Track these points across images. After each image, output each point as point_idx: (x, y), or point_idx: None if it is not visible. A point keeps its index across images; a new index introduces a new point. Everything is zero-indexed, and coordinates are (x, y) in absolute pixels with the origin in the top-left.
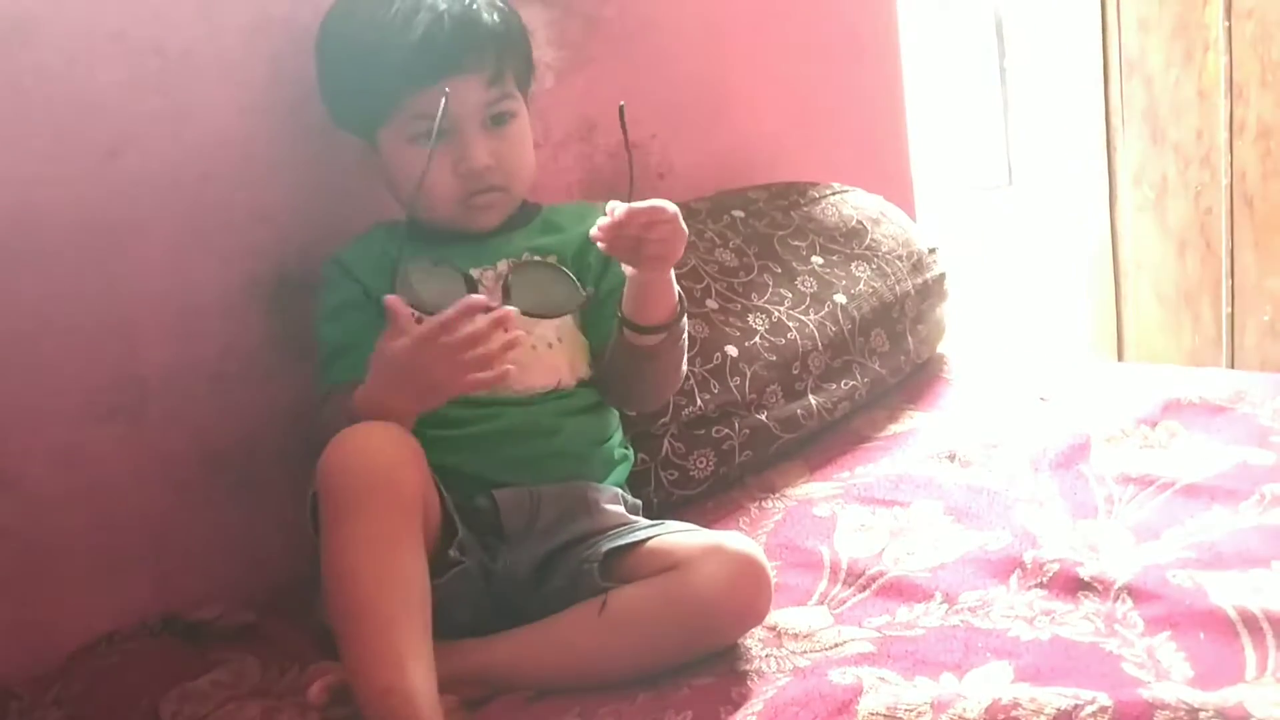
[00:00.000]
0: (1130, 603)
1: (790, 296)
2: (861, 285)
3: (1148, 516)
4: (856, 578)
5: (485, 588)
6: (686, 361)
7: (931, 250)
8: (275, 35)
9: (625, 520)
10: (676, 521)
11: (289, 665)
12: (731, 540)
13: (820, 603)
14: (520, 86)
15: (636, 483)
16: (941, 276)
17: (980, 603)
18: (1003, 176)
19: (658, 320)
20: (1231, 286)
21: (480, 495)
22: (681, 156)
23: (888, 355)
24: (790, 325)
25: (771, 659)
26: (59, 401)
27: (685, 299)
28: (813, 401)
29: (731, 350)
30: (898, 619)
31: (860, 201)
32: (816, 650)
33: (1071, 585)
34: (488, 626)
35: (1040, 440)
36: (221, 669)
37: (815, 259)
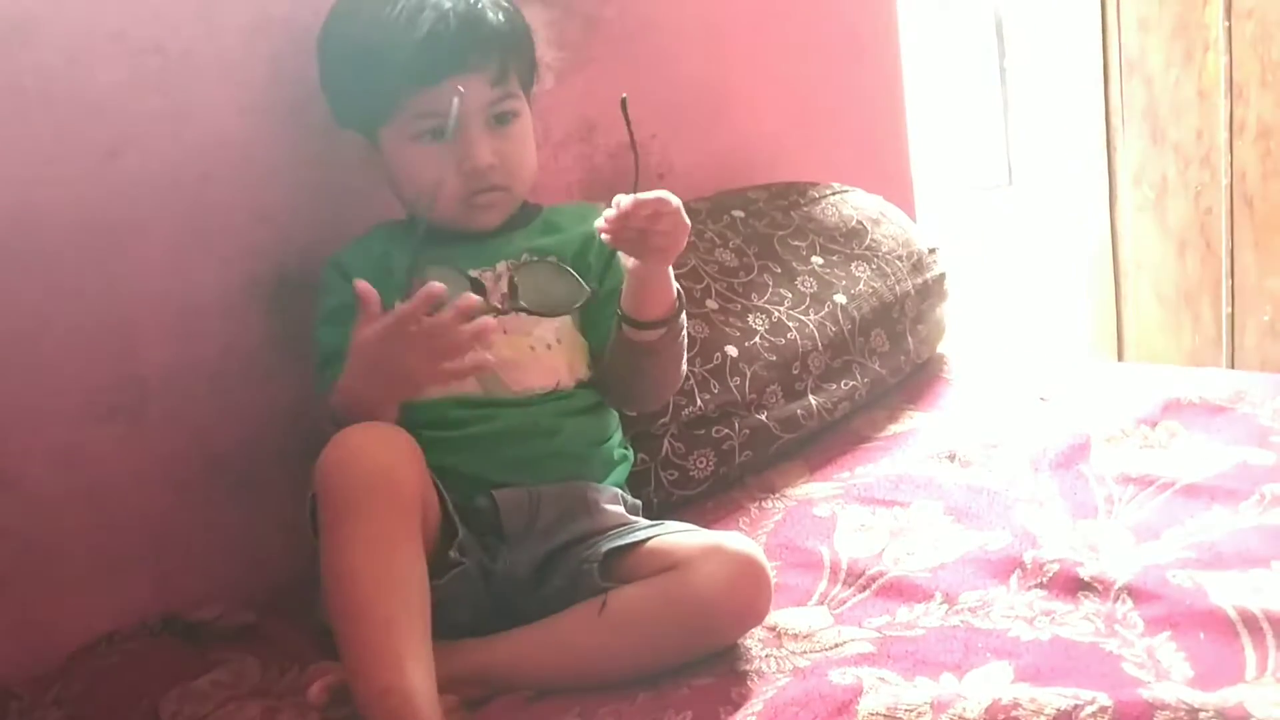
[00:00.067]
0: (1130, 603)
1: (790, 296)
2: (861, 285)
3: (1148, 516)
4: (856, 578)
5: (485, 588)
6: (686, 361)
7: (931, 250)
8: (275, 35)
9: (625, 520)
10: (676, 522)
11: (289, 665)
12: (731, 540)
13: (820, 603)
14: (523, 86)
15: (636, 483)
16: (941, 276)
17: (980, 603)
18: (1003, 176)
19: (657, 316)
20: (1231, 286)
21: (480, 496)
22: (681, 156)
23: (888, 355)
24: (790, 325)
25: (771, 659)
26: (59, 401)
27: (685, 298)
28: (813, 401)
29: (731, 350)
30: (898, 619)
31: (860, 201)
32: (816, 650)
33: (1071, 585)
34: (488, 627)
35: (1040, 440)
36: (221, 669)
37: (815, 259)
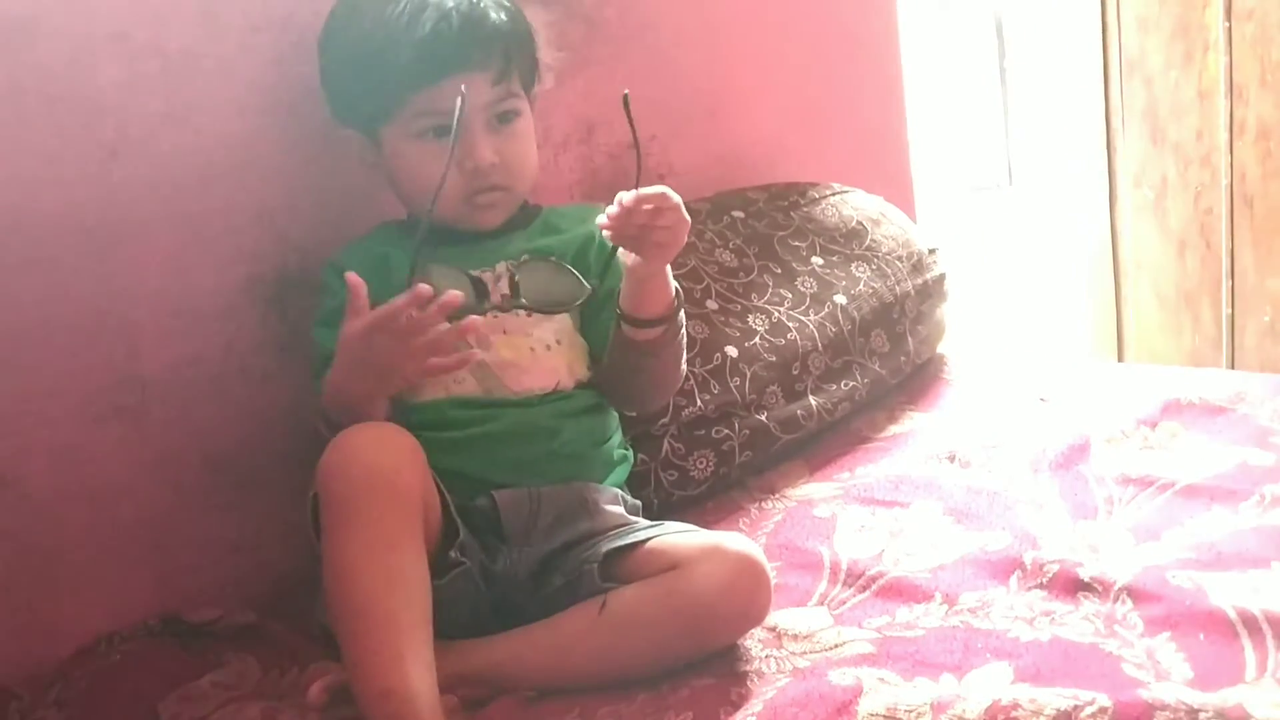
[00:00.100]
0: (1130, 603)
1: (790, 297)
2: (861, 286)
3: (1148, 517)
4: (856, 578)
5: (485, 589)
6: (686, 362)
7: (931, 251)
8: (276, 36)
9: (625, 521)
10: (676, 522)
11: (289, 666)
12: (731, 541)
13: (820, 603)
14: (525, 86)
15: (636, 483)
16: (941, 277)
17: (980, 603)
18: (1003, 177)
19: (656, 314)
20: (1231, 287)
21: (480, 496)
22: (681, 157)
23: (888, 356)
24: (790, 326)
25: (771, 660)
26: (59, 401)
27: (684, 298)
28: (813, 402)
29: (731, 351)
30: (897, 620)
31: (860, 202)
32: (816, 651)
33: (1071, 586)
34: (488, 627)
35: (1040, 441)
36: (222, 670)
37: (815, 259)
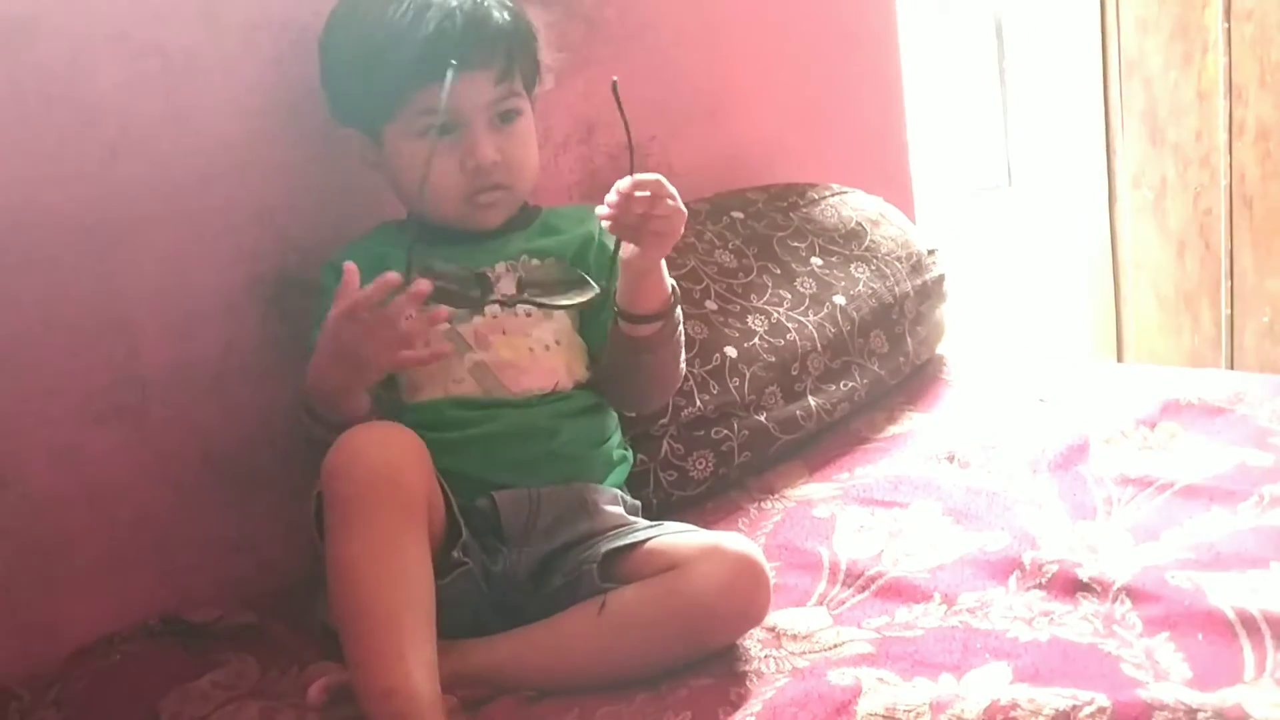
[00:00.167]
0: (1129, 604)
1: (789, 298)
2: (861, 286)
3: (1146, 517)
4: (855, 579)
5: (485, 589)
6: (685, 362)
7: (931, 251)
8: (276, 36)
9: (624, 521)
10: (675, 522)
11: (289, 666)
12: (730, 541)
13: (819, 604)
14: (527, 86)
15: (636, 484)
16: (941, 278)
17: (979, 604)
18: (1002, 178)
19: (653, 310)
20: (1231, 288)
21: (480, 497)
22: (681, 158)
23: (887, 356)
24: (789, 326)
25: (770, 660)
26: (60, 402)
27: (684, 298)
28: (812, 403)
29: (731, 351)
30: (896, 620)
31: (860, 203)
32: (815, 651)
33: (1070, 586)
34: (488, 627)
35: (1039, 441)
36: (221, 670)
37: (814, 260)
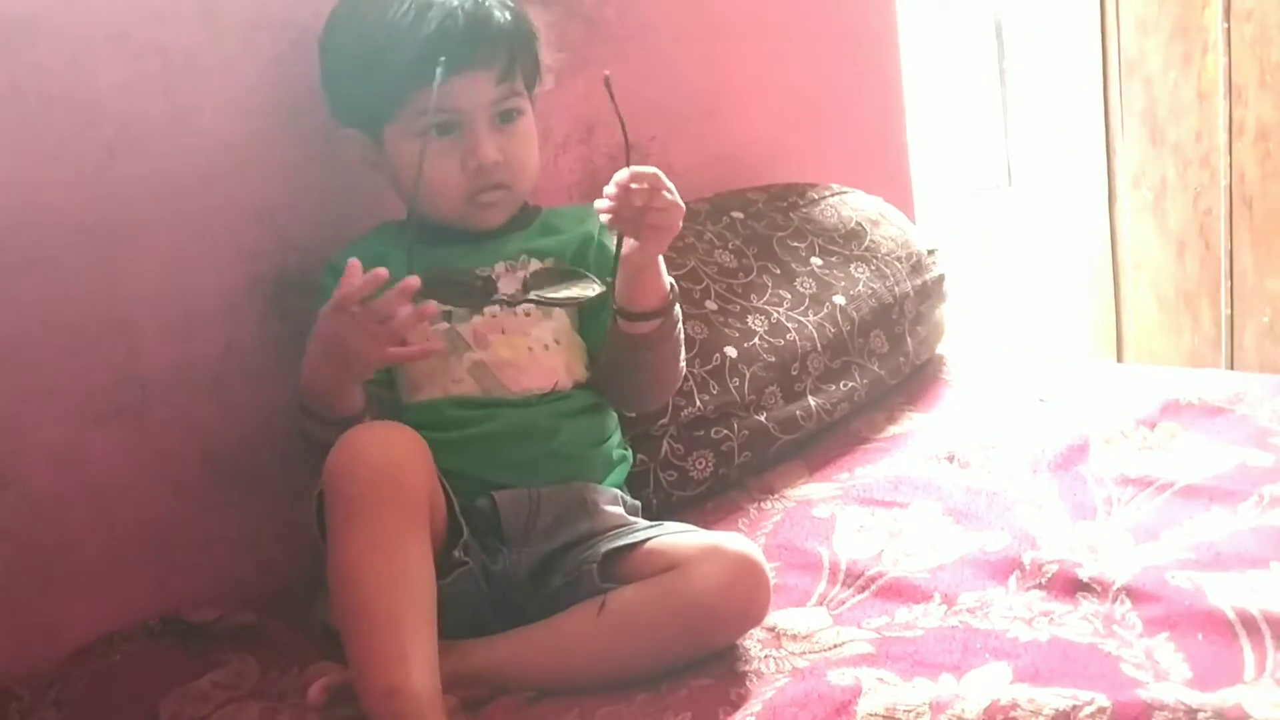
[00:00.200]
0: (1129, 604)
1: (789, 298)
2: (861, 286)
3: (1146, 518)
4: (855, 579)
5: (485, 589)
6: (685, 362)
7: (931, 251)
8: (276, 36)
9: (624, 521)
10: (675, 523)
11: (289, 666)
12: (730, 541)
13: (819, 604)
14: (528, 86)
15: (636, 484)
16: (941, 278)
17: (979, 604)
18: (1002, 178)
19: (651, 306)
20: (1231, 288)
21: (480, 497)
22: (681, 158)
23: (887, 356)
24: (789, 326)
25: (770, 660)
26: (60, 402)
27: (684, 298)
28: (812, 403)
29: (730, 351)
30: (896, 620)
31: (859, 203)
32: (815, 651)
33: (1070, 586)
34: (488, 628)
35: (1039, 441)
36: (221, 670)
37: (814, 260)
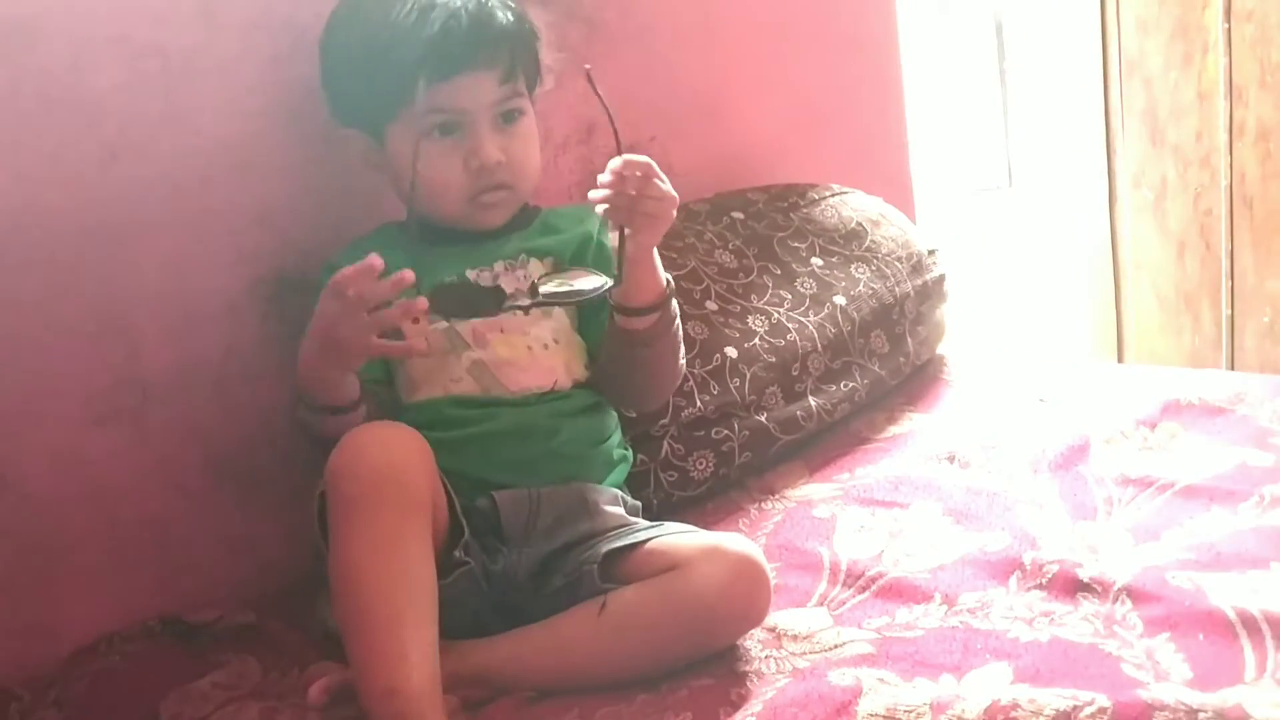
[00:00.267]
0: (1129, 604)
1: (790, 298)
2: (861, 287)
3: (1147, 518)
4: (856, 579)
5: (485, 589)
6: (686, 363)
7: (931, 252)
8: (276, 37)
9: (625, 522)
10: (676, 523)
11: (289, 666)
12: (731, 541)
13: (820, 604)
14: (529, 87)
15: (636, 484)
16: (941, 278)
17: (979, 604)
18: (1002, 178)
19: (647, 301)
20: (1231, 288)
21: (480, 497)
22: (681, 158)
23: (887, 357)
24: (790, 327)
25: (771, 660)
26: (60, 403)
27: (685, 299)
28: (812, 403)
29: (731, 352)
30: (897, 620)
31: (860, 203)
32: (816, 651)
33: (1071, 586)
34: (488, 628)
35: (1040, 442)
36: (222, 670)
37: (815, 260)
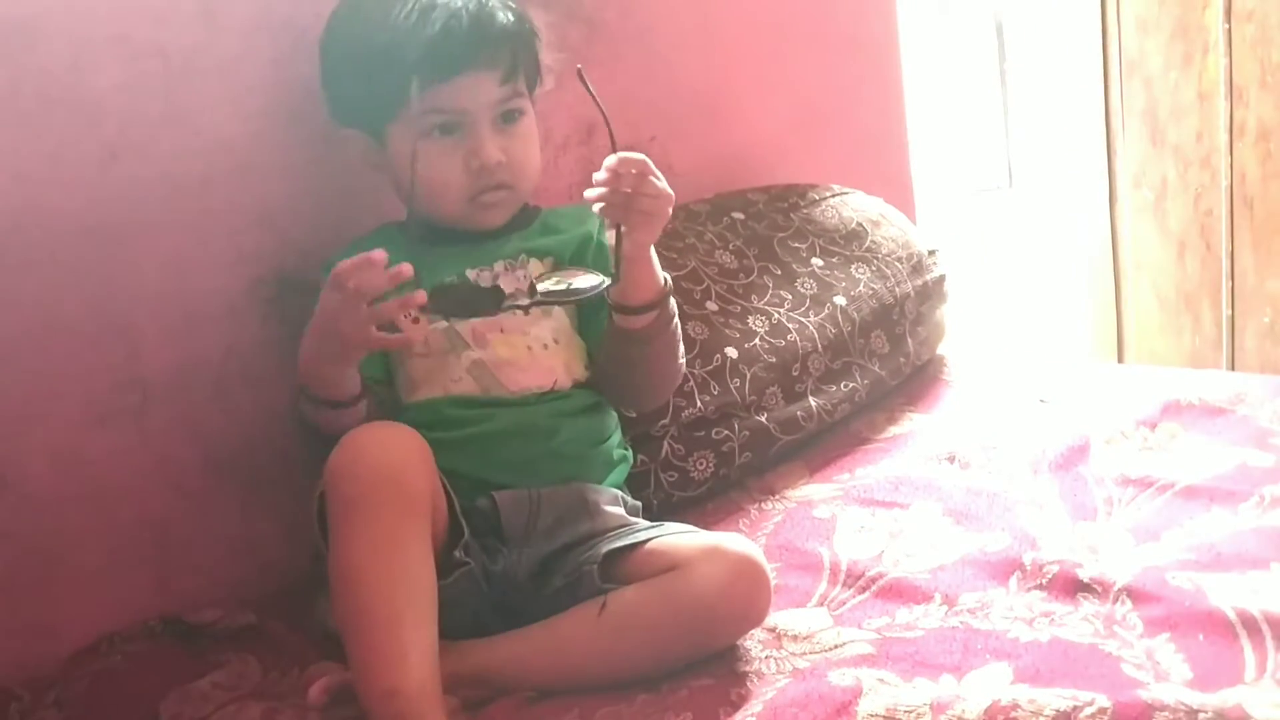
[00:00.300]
0: (1129, 604)
1: (790, 298)
2: (861, 287)
3: (1147, 518)
4: (856, 579)
5: (485, 590)
6: (685, 362)
7: (931, 252)
8: (276, 37)
9: (625, 522)
10: (676, 523)
11: (289, 667)
12: (731, 542)
13: (820, 604)
14: (529, 87)
15: (636, 484)
16: (941, 278)
17: (979, 604)
18: (1003, 178)
19: (645, 300)
20: (1231, 288)
21: (480, 497)
22: (681, 159)
23: (887, 357)
24: (790, 327)
25: (771, 660)
26: (61, 404)
27: (685, 299)
28: (812, 403)
29: (731, 352)
30: (897, 620)
31: (860, 204)
32: (816, 652)
33: (1071, 587)
34: (488, 628)
35: (1040, 442)
36: (222, 670)
37: (815, 261)
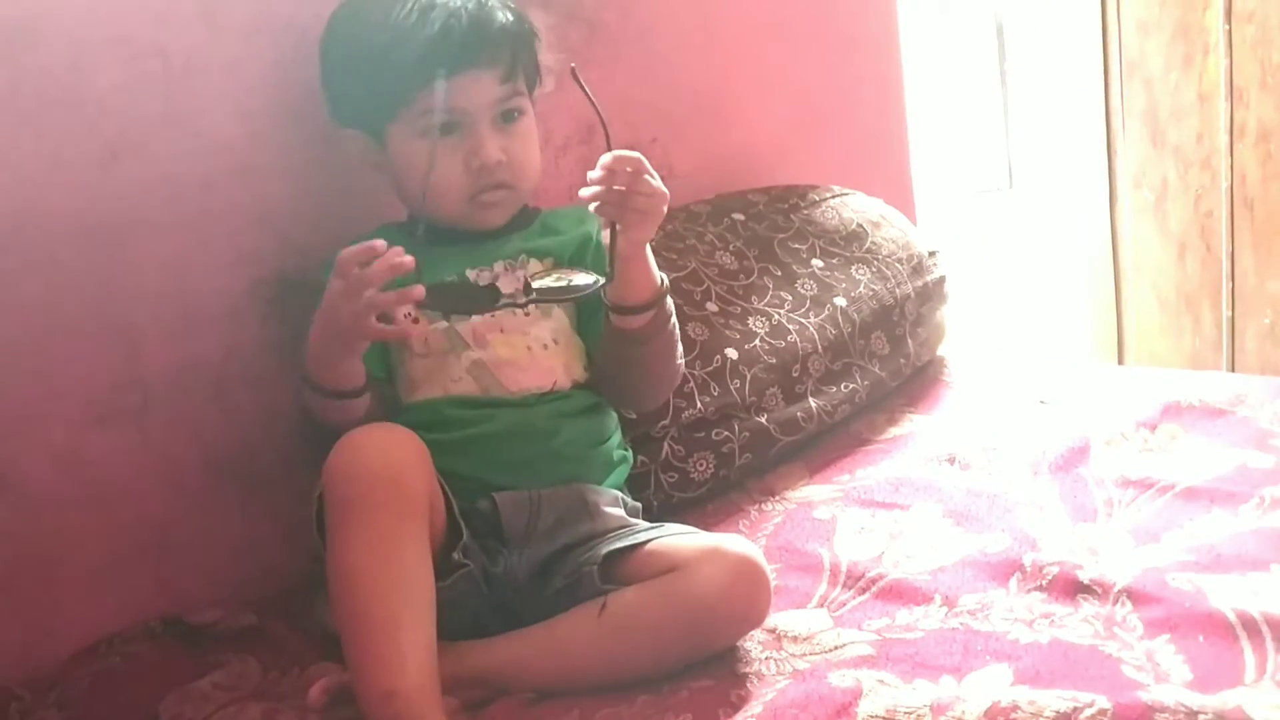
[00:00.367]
0: (1129, 605)
1: (790, 299)
2: (862, 288)
3: (1147, 519)
4: (856, 580)
5: (485, 591)
6: (685, 362)
7: (932, 253)
8: (277, 38)
9: (625, 523)
10: (676, 524)
11: (289, 667)
12: (731, 543)
13: (820, 605)
14: (529, 87)
15: (636, 485)
16: (942, 279)
17: (980, 605)
18: (1003, 179)
19: (642, 300)
20: (1232, 290)
21: (480, 498)
22: (682, 160)
23: (888, 358)
24: (790, 328)
25: (771, 661)
26: (61, 404)
27: (685, 300)
28: (813, 404)
29: (731, 353)
30: (897, 622)
31: (861, 205)
32: (816, 653)
33: (1071, 588)
34: (488, 629)
35: (1040, 443)
36: (222, 671)
37: (815, 262)
